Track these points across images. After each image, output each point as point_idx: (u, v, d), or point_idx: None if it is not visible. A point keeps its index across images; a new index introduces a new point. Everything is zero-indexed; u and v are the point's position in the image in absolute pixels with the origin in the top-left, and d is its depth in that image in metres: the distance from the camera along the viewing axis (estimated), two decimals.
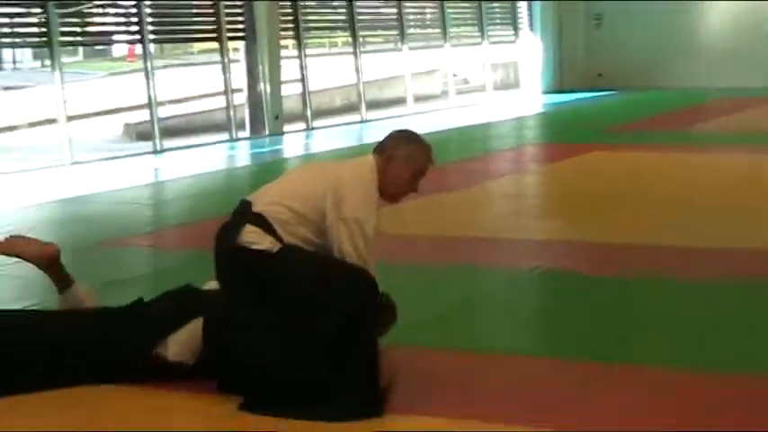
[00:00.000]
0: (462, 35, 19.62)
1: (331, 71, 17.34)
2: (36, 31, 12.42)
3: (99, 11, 14.00)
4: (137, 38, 13.51)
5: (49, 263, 4.65)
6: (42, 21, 12.06)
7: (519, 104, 19.05)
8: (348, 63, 16.74)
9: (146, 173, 11.90)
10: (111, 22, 14.36)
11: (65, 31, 12.55)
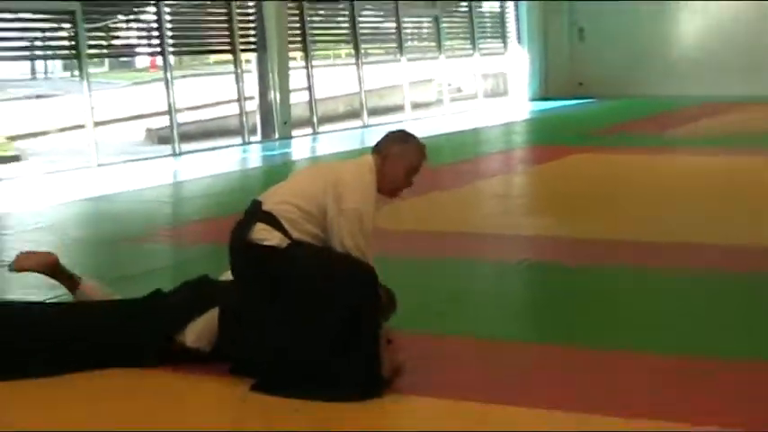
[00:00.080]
0: (455, 47, 19.61)
1: (335, 80, 17.32)
2: (66, 44, 12.41)
3: (123, 26, 14.00)
4: (158, 50, 13.50)
5: (52, 270, 4.67)
6: (72, 35, 12.06)
7: (507, 111, 19.03)
8: (351, 73, 16.74)
9: (166, 174, 11.90)
10: (134, 35, 14.36)
11: (92, 44, 12.57)
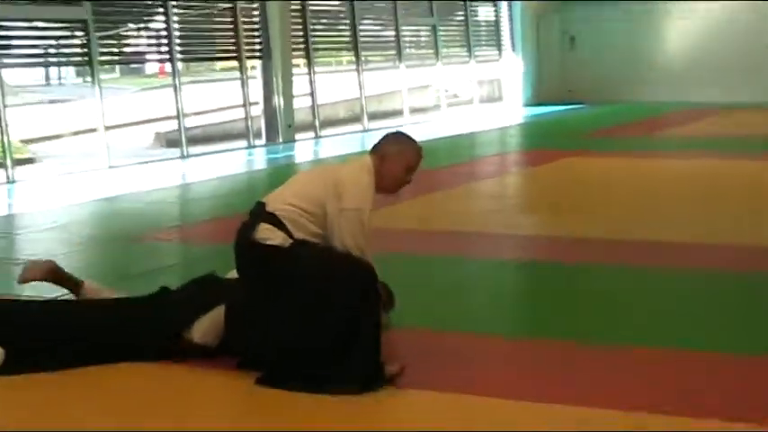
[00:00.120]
0: (452, 55, 19.59)
1: (337, 86, 17.30)
2: (78, 51, 12.40)
3: (133, 34, 13.99)
4: (166, 57, 13.52)
5: (54, 276, 4.66)
6: (84, 42, 12.06)
7: (502, 116, 19.04)
8: (352, 79, 16.74)
9: (174, 176, 11.89)
10: (144, 43, 14.35)
11: (103, 51, 12.55)
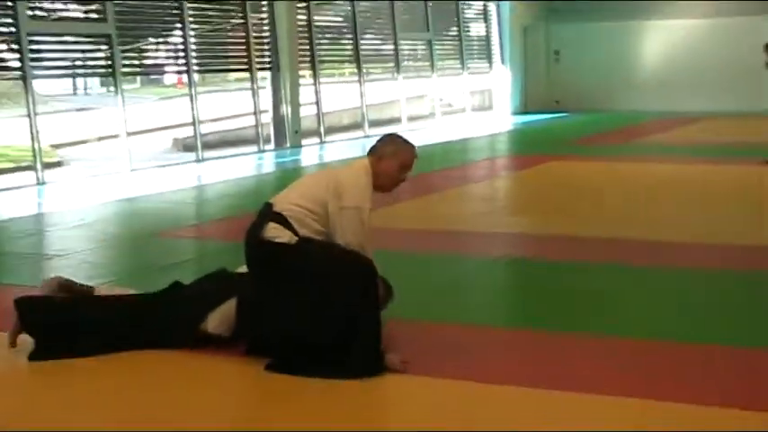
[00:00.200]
0: (447, 67, 19.59)
1: (340, 96, 17.30)
2: (103, 63, 12.38)
3: (153, 47, 13.97)
4: (183, 69, 13.49)
5: (64, 289, 4.58)
6: (108, 55, 12.04)
7: (492, 123, 19.03)
8: (354, 89, 16.73)
9: (190, 178, 11.88)
10: (162, 56, 14.33)
11: (126, 63, 12.54)
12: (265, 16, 14.55)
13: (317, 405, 3.73)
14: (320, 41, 15.77)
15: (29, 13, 10.96)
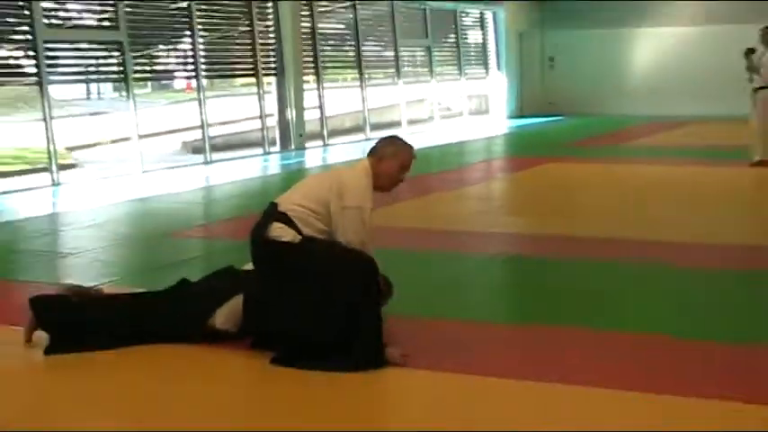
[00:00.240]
0: (445, 73, 19.57)
1: (342, 100, 17.29)
2: (115, 69, 12.38)
3: (163, 54, 13.97)
4: (192, 74, 13.50)
5: (77, 291, 4.59)
6: (120, 62, 12.05)
7: (489, 127, 19.01)
8: (356, 94, 16.72)
9: (198, 179, 11.88)
10: (172, 62, 14.33)
11: (137, 69, 12.54)
12: (271, 24, 14.54)
13: (320, 397, 3.72)
14: (323, 48, 15.77)
15: (45, 21, 10.99)
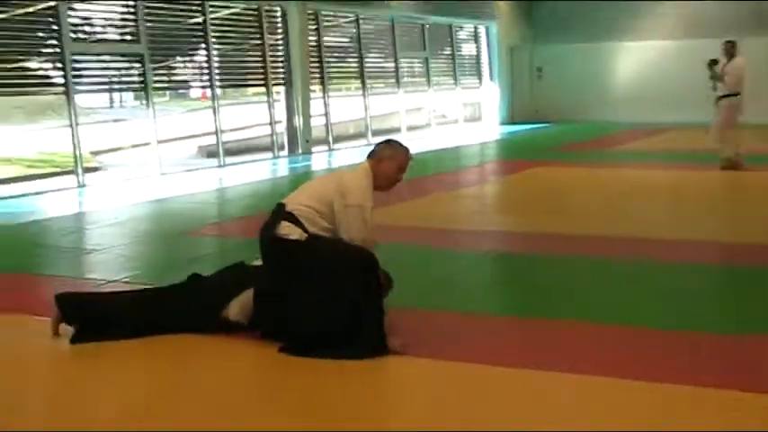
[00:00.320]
0: (441, 83, 19.57)
1: (346, 108, 17.28)
2: (136, 79, 12.38)
3: (180, 65, 13.97)
4: (207, 84, 13.50)
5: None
6: (141, 72, 12.06)
7: (482, 133, 19.00)
8: (359, 102, 16.72)
9: (213, 181, 11.87)
10: (189, 73, 14.33)
11: (156, 79, 12.53)
12: (280, 37, 14.54)
13: (327, 383, 3.72)
14: (329, 60, 15.76)
15: (72, 36, 11.03)
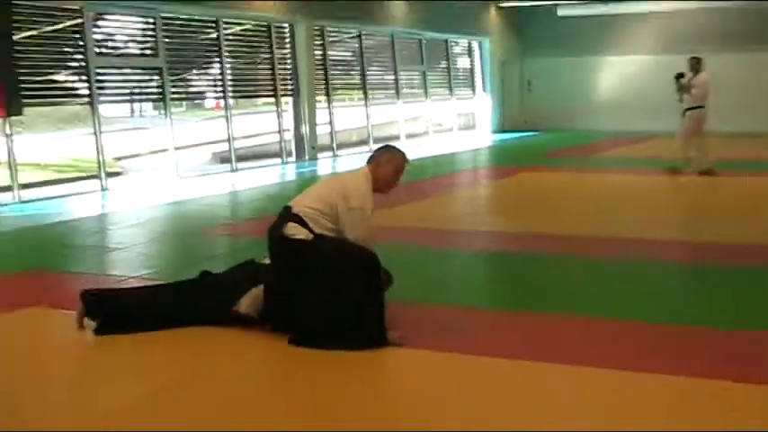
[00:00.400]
0: (438, 93, 19.57)
1: (349, 117, 17.28)
2: (155, 91, 12.39)
3: (196, 78, 13.98)
4: (221, 95, 13.52)
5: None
6: (159, 84, 12.07)
7: (475, 140, 19.00)
8: (361, 112, 16.72)
9: (226, 185, 11.87)
10: (204, 84, 14.33)
11: (174, 90, 12.54)
12: (288, 51, 14.56)
13: (331, 372, 3.73)
14: (333, 72, 15.77)
15: (96, 50, 11.05)
